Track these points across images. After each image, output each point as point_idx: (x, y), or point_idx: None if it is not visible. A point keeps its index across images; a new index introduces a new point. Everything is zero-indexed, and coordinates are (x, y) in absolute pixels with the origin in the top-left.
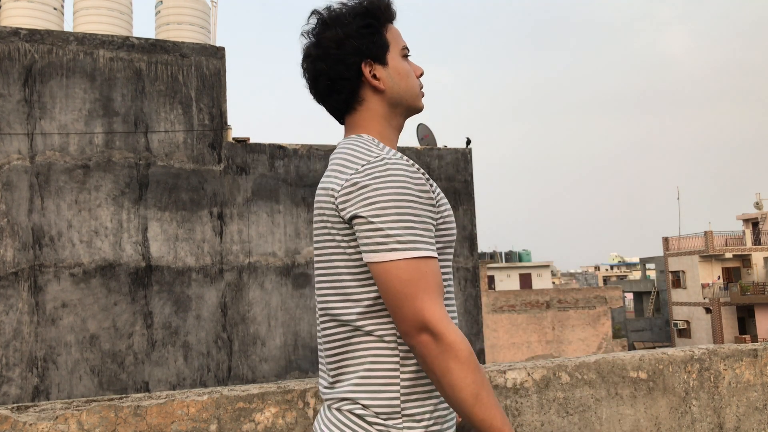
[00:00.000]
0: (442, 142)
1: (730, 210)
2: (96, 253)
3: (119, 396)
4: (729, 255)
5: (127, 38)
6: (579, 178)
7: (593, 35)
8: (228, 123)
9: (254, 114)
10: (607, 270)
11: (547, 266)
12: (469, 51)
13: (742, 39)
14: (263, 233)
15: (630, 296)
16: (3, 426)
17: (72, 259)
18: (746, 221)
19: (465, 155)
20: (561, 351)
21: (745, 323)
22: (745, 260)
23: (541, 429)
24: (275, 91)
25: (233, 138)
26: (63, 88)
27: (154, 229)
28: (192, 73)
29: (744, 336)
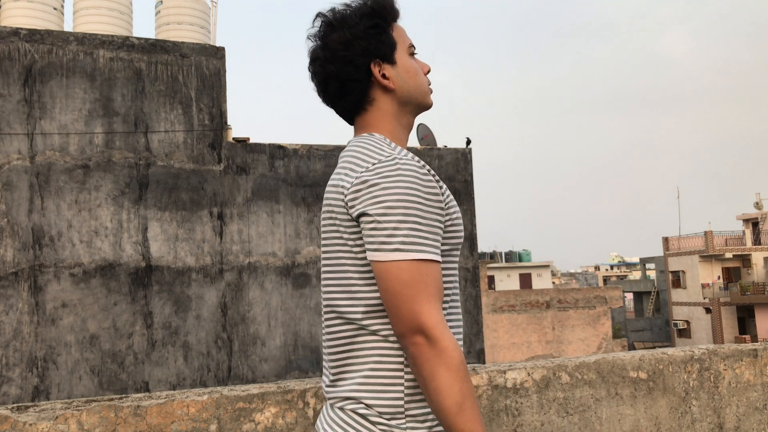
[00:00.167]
0: (442, 142)
1: (730, 210)
2: (96, 253)
3: (119, 396)
4: (729, 255)
5: (127, 38)
6: (579, 178)
7: (593, 35)
8: (228, 123)
9: (254, 114)
10: (607, 270)
11: (547, 266)
12: (469, 51)
13: (743, 39)
14: (263, 233)
15: (630, 296)
16: (3, 426)
17: (72, 259)
18: (746, 221)
19: (465, 155)
20: (561, 351)
21: (745, 323)
22: (745, 260)
23: (541, 429)
24: (275, 91)
25: (233, 138)
26: (63, 88)
27: (154, 229)
28: (192, 73)
29: (744, 336)
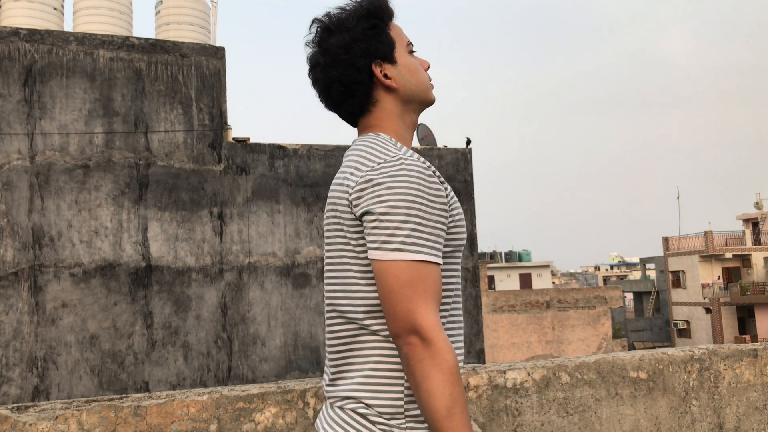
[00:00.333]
0: (442, 142)
1: (730, 210)
2: (96, 253)
3: (119, 396)
4: (729, 255)
5: (127, 38)
6: (579, 178)
7: (593, 35)
8: (228, 123)
9: (254, 114)
10: (607, 270)
11: (547, 266)
12: (470, 51)
13: (743, 39)
14: (263, 233)
15: (630, 296)
16: (3, 426)
17: (72, 259)
18: (746, 221)
19: (465, 155)
20: (561, 351)
21: (745, 323)
22: (745, 260)
23: (541, 429)
24: (275, 91)
25: (233, 138)
26: (63, 88)
27: (154, 229)
28: (192, 73)
29: (744, 336)
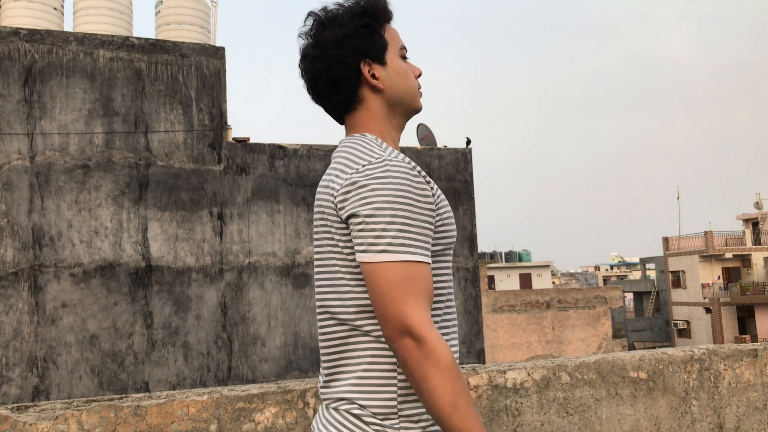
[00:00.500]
0: (442, 142)
1: (730, 210)
2: (96, 253)
3: (119, 396)
4: (729, 255)
5: (127, 38)
6: (579, 178)
7: (594, 35)
8: (228, 123)
9: (254, 114)
10: (607, 270)
11: (547, 266)
12: (470, 51)
13: (743, 39)
14: (263, 233)
15: (630, 296)
16: (3, 426)
17: (72, 259)
18: (746, 221)
19: (465, 155)
20: (561, 351)
21: (745, 323)
22: (745, 260)
23: (541, 429)
24: (275, 91)
25: (233, 138)
26: (63, 88)
27: (154, 229)
28: (192, 73)
29: (744, 336)
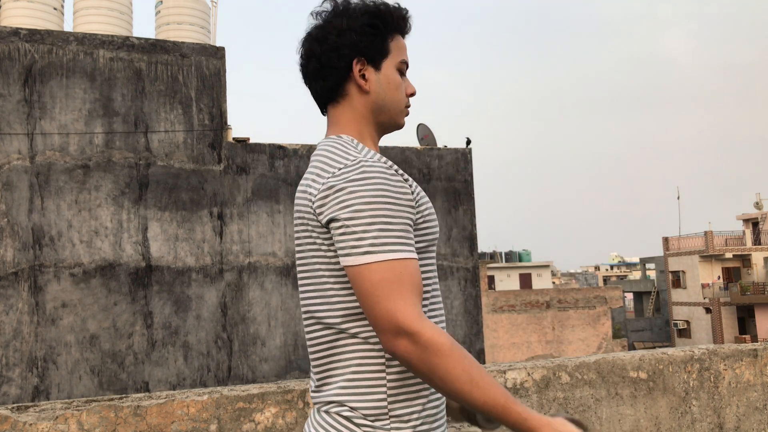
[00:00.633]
0: (442, 142)
1: (730, 210)
2: (96, 253)
3: (119, 396)
4: (729, 255)
5: (127, 38)
6: (579, 178)
7: (594, 35)
8: (228, 123)
9: (254, 114)
10: (607, 270)
11: (547, 266)
12: (469, 50)
13: (743, 39)
14: (263, 233)
15: (630, 296)
16: (3, 426)
17: (72, 259)
18: (746, 221)
19: (465, 155)
20: (561, 351)
21: (745, 323)
22: (745, 260)
23: None
24: (275, 91)
25: (233, 138)
26: (63, 88)
27: (154, 229)
28: (192, 73)
29: (744, 336)
